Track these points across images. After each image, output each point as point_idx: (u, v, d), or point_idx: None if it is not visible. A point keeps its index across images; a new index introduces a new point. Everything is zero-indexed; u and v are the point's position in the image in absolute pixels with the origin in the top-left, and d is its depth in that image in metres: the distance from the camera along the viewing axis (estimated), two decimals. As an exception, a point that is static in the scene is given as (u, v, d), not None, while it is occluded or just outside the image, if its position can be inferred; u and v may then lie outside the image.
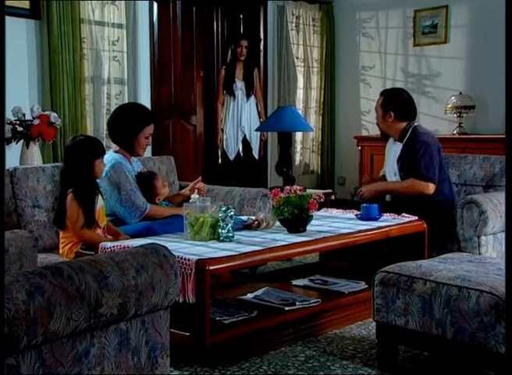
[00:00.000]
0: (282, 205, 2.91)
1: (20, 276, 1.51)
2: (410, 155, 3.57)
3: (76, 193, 2.85)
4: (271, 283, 3.13)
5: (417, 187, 3.51)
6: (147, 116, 3.34)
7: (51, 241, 3.11)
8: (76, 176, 2.88)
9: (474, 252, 3.22)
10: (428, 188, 3.50)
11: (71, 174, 2.89)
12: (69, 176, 2.89)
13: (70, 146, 2.95)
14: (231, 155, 5.48)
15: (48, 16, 4.18)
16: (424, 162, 3.51)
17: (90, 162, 2.91)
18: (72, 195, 2.84)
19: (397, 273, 2.36)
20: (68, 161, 2.94)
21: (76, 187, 2.86)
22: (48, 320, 1.50)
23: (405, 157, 3.60)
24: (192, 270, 2.37)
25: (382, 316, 2.38)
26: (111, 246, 2.63)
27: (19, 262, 2.23)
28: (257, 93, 5.54)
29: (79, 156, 2.90)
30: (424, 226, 3.22)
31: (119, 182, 3.12)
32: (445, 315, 2.18)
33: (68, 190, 2.86)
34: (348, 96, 6.25)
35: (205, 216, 2.73)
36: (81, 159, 2.90)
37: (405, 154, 3.60)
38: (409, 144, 3.60)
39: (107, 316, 1.67)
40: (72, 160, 2.91)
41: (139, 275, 1.78)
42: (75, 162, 2.90)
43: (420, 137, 3.58)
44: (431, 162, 3.53)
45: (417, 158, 3.52)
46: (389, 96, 3.75)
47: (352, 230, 3.03)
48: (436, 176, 3.53)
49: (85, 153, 2.91)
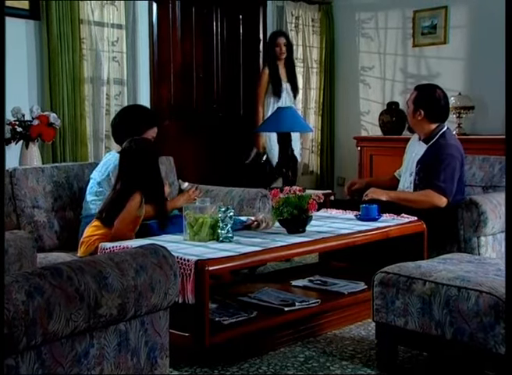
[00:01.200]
0: (281, 206, 2.91)
1: (20, 277, 1.51)
2: (432, 163, 3.46)
3: (145, 194, 2.93)
4: (270, 283, 3.13)
5: (431, 200, 3.40)
6: (150, 119, 3.38)
7: (51, 241, 3.11)
8: (146, 178, 2.97)
9: (474, 253, 3.22)
10: (441, 201, 3.40)
11: (140, 176, 2.96)
12: (139, 178, 2.95)
13: (136, 149, 3.00)
14: (273, 159, 5.12)
15: (48, 16, 4.17)
16: (445, 175, 3.41)
17: (157, 161, 3.04)
18: (139, 196, 2.91)
19: (397, 273, 2.36)
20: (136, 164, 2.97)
21: (146, 188, 2.95)
22: (48, 321, 1.50)
23: (427, 162, 3.50)
24: (191, 271, 2.38)
25: (381, 317, 2.38)
26: (110, 247, 2.63)
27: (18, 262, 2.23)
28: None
29: (148, 157, 3.01)
30: (423, 227, 3.22)
31: None
32: (444, 315, 2.18)
33: (133, 191, 2.91)
34: (347, 97, 6.24)
35: (205, 217, 2.73)
36: (150, 160, 3.02)
37: (427, 159, 3.50)
38: (434, 151, 3.49)
39: (106, 316, 1.67)
40: (142, 162, 2.98)
41: (138, 275, 1.78)
42: (145, 163, 2.99)
43: (447, 149, 3.46)
44: (452, 176, 3.42)
45: (440, 169, 3.42)
46: (422, 92, 3.63)
47: (351, 230, 3.03)
48: (453, 191, 3.43)
49: (152, 153, 3.04)
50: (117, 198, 2.94)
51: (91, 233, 2.90)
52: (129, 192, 2.91)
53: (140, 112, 3.46)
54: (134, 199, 2.89)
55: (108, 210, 2.93)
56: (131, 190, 2.92)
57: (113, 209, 2.91)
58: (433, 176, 3.43)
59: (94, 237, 2.89)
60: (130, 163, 2.97)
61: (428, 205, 3.41)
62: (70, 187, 3.26)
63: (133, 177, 2.95)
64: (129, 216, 2.89)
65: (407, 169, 3.65)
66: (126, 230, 2.88)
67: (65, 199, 3.22)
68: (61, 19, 4.21)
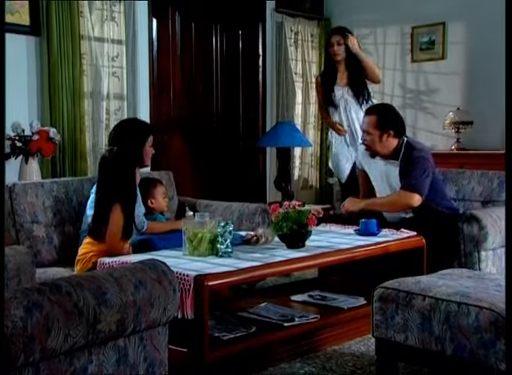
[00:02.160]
0: (280, 221, 2.91)
1: (18, 293, 1.50)
2: (404, 170, 3.45)
3: (122, 204, 2.86)
4: (270, 298, 3.12)
5: (403, 199, 3.37)
6: (147, 126, 3.44)
7: (50, 256, 3.10)
8: (122, 187, 2.89)
9: (475, 268, 3.22)
10: (414, 199, 3.35)
11: (116, 186, 2.89)
12: (115, 187, 2.88)
13: (112, 158, 2.94)
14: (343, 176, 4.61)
15: (48, 32, 4.20)
16: (414, 173, 3.37)
17: (133, 171, 2.95)
18: (119, 206, 2.85)
19: (396, 288, 2.35)
20: (111, 173, 2.92)
21: (123, 198, 2.87)
22: (46, 337, 1.49)
23: (401, 173, 3.47)
24: (190, 286, 2.37)
25: (381, 332, 2.37)
26: (109, 262, 2.63)
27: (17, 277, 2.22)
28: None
29: (123, 167, 2.92)
30: (423, 242, 3.22)
31: None
32: (444, 331, 2.17)
33: (113, 201, 2.85)
34: (346, 111, 6.25)
35: (204, 232, 2.73)
36: (126, 170, 2.92)
37: (402, 170, 3.47)
38: (405, 160, 3.47)
39: (105, 332, 1.66)
40: (117, 171, 2.91)
41: (137, 291, 1.77)
42: (120, 173, 2.91)
43: (415, 152, 3.45)
44: (421, 173, 3.38)
45: (409, 170, 3.40)
46: (383, 114, 3.54)
47: (351, 245, 3.02)
48: (425, 189, 3.38)
49: (128, 163, 2.95)
50: (99, 210, 2.91)
51: (86, 250, 2.89)
52: (109, 203, 2.86)
53: (134, 122, 3.51)
54: (116, 211, 2.84)
55: (95, 224, 2.92)
56: (110, 201, 2.86)
57: (99, 223, 2.89)
58: (404, 178, 3.42)
59: (89, 254, 2.87)
60: (106, 173, 2.94)
61: (400, 204, 3.40)
62: (69, 202, 3.26)
63: (110, 187, 2.90)
64: (117, 228, 2.84)
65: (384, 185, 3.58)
66: (118, 245, 2.85)
67: (65, 214, 3.22)
68: (61, 35, 4.23)
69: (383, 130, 3.47)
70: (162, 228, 3.26)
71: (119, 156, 2.93)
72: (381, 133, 3.47)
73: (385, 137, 3.47)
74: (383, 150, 3.52)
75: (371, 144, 3.52)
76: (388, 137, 3.48)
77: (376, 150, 3.54)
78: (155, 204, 3.40)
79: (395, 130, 3.49)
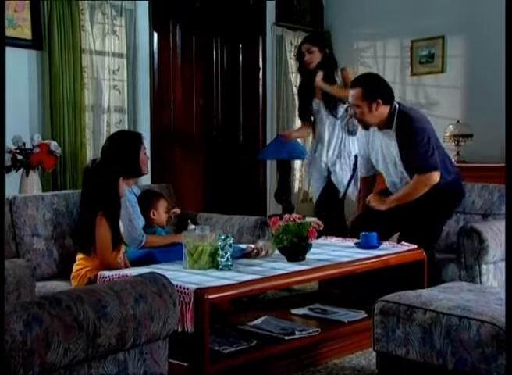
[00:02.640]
0: (281, 234, 2.90)
1: (18, 307, 1.50)
2: (406, 146, 3.35)
3: (106, 215, 2.84)
4: (270, 311, 3.11)
5: (423, 184, 3.32)
6: (137, 135, 3.44)
7: (50, 269, 3.09)
8: (104, 197, 2.88)
9: (476, 281, 3.21)
10: (432, 178, 3.32)
11: (99, 196, 2.88)
12: (97, 198, 2.88)
13: (93, 168, 2.95)
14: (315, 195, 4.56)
15: (50, 45, 4.22)
16: (421, 152, 3.30)
17: (116, 181, 2.93)
18: (103, 218, 2.83)
19: (397, 302, 2.34)
20: (93, 183, 2.92)
21: (106, 208, 2.86)
22: (46, 351, 1.49)
23: (406, 147, 3.37)
24: (191, 299, 2.36)
25: (382, 346, 2.36)
26: (110, 275, 2.62)
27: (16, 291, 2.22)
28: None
29: (106, 177, 2.91)
30: (423, 255, 3.21)
31: None
32: (445, 345, 2.16)
33: (96, 212, 2.84)
34: (347, 124, 6.27)
35: (204, 245, 2.72)
36: (109, 180, 2.91)
37: (404, 143, 3.37)
38: (403, 133, 3.36)
39: (105, 346, 1.66)
40: (99, 182, 2.90)
41: (138, 304, 1.77)
42: (102, 183, 2.90)
43: (415, 124, 3.35)
44: (429, 149, 3.31)
45: (414, 149, 3.31)
46: (368, 84, 3.43)
47: (351, 258, 3.02)
48: (438, 162, 3.32)
49: (111, 173, 2.93)
50: (84, 223, 2.90)
51: (80, 266, 2.88)
52: (93, 215, 2.85)
53: (125, 133, 3.57)
54: (101, 223, 2.83)
55: (82, 239, 2.92)
56: (94, 212, 2.85)
57: (86, 237, 2.88)
58: (412, 160, 3.34)
59: (84, 269, 2.86)
60: (88, 184, 2.94)
61: (423, 187, 3.35)
62: (70, 215, 3.25)
63: (93, 198, 2.89)
64: (105, 241, 2.83)
65: (386, 160, 3.50)
66: (110, 257, 2.84)
67: (65, 227, 3.21)
68: (63, 49, 4.26)
69: (371, 101, 3.38)
70: (161, 242, 3.26)
71: (101, 167, 2.93)
72: (369, 104, 3.38)
73: (374, 106, 3.38)
74: (375, 120, 3.43)
75: (362, 116, 3.44)
76: (377, 106, 3.38)
77: (368, 121, 3.45)
78: (157, 216, 3.40)
79: (383, 98, 3.39)
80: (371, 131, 3.55)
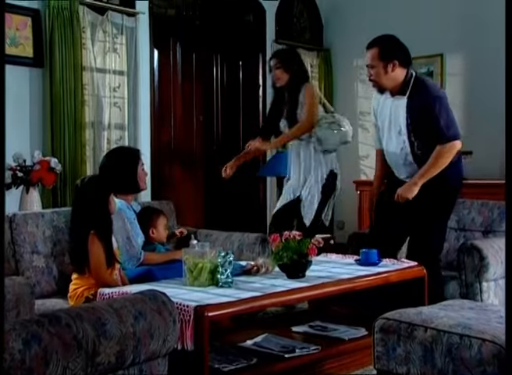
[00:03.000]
0: (281, 250, 2.90)
1: (17, 325, 1.49)
2: (424, 113, 3.24)
3: (98, 234, 2.83)
4: (270, 329, 3.10)
5: (448, 153, 3.24)
6: (134, 152, 3.45)
7: (50, 287, 3.08)
8: (95, 215, 2.87)
9: (476, 298, 3.20)
10: (455, 147, 3.26)
11: (89, 215, 2.87)
12: (88, 216, 2.87)
13: (83, 186, 2.94)
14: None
15: (51, 63, 4.25)
16: (443, 120, 3.21)
17: (106, 199, 2.92)
18: (95, 237, 2.83)
19: (397, 319, 2.33)
20: (83, 201, 2.91)
21: (97, 226, 2.85)
22: (44, 370, 1.48)
23: (417, 113, 3.27)
24: (190, 317, 2.35)
25: (382, 364, 2.34)
26: (109, 292, 2.61)
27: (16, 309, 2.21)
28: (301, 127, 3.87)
29: (95, 195, 2.90)
30: (424, 272, 3.20)
31: (115, 230, 3.11)
32: (447, 363, 2.14)
33: (87, 231, 2.83)
34: (346, 141, 6.29)
35: (204, 262, 2.72)
36: (98, 197, 2.90)
37: (416, 109, 3.27)
38: (417, 99, 3.26)
39: (104, 364, 1.65)
40: (89, 200, 2.89)
41: (137, 322, 1.76)
42: (92, 201, 2.89)
43: (431, 91, 3.27)
44: (448, 116, 3.24)
45: (436, 118, 3.21)
46: (384, 44, 3.34)
47: (351, 275, 3.01)
48: (458, 128, 3.28)
49: (100, 191, 2.92)
50: (76, 243, 2.89)
51: (76, 286, 2.87)
52: (85, 234, 2.84)
53: (123, 149, 3.58)
54: (93, 241, 2.82)
55: (74, 258, 2.90)
56: (85, 231, 2.84)
57: (78, 256, 2.87)
58: (434, 129, 3.23)
59: (80, 289, 2.85)
60: (78, 202, 2.94)
61: (448, 158, 3.27)
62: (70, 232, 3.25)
63: (83, 216, 2.88)
64: (99, 259, 2.82)
65: (391, 128, 3.39)
66: (105, 275, 2.83)
67: (65, 244, 3.21)
68: (64, 66, 4.28)
69: (387, 61, 3.29)
70: (160, 259, 3.25)
71: (90, 185, 2.93)
72: (385, 64, 3.30)
73: (391, 67, 3.30)
74: (390, 83, 3.33)
75: (377, 77, 3.34)
76: (393, 67, 3.30)
77: (383, 83, 3.35)
78: (156, 234, 3.39)
79: (399, 59, 3.31)
80: (382, 99, 3.45)
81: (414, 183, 3.29)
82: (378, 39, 3.41)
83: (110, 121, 4.64)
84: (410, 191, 3.29)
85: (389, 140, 3.44)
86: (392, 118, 3.39)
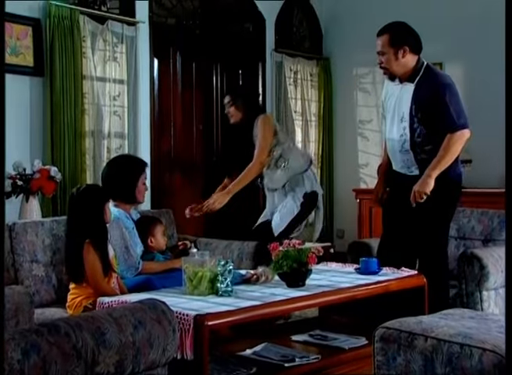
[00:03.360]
0: (281, 259, 2.90)
1: (16, 334, 1.49)
2: (432, 101, 3.23)
3: (93, 242, 2.83)
4: (270, 338, 3.09)
5: (459, 142, 3.23)
6: (140, 163, 3.42)
7: (49, 296, 3.07)
8: (90, 224, 2.86)
9: (477, 308, 3.19)
10: (465, 136, 3.25)
11: (85, 223, 2.86)
12: (83, 225, 2.86)
13: (79, 195, 2.93)
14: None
15: (52, 72, 4.26)
16: (454, 108, 3.22)
17: (101, 208, 2.91)
18: (90, 246, 2.82)
19: (398, 329, 2.32)
20: (78, 210, 2.90)
21: (92, 235, 2.84)
22: (43, 380, 1.47)
23: (424, 100, 3.25)
24: (190, 326, 2.34)
25: (383, 374, 2.33)
26: (109, 301, 2.61)
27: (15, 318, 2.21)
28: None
29: (90, 204, 2.89)
30: (424, 281, 3.20)
31: (113, 239, 3.10)
32: (447, 373, 2.13)
33: (82, 240, 2.83)
34: (346, 149, 6.30)
35: (204, 270, 2.71)
36: (93, 206, 2.89)
37: (423, 96, 3.25)
38: (428, 86, 3.26)
39: (103, 374, 1.64)
40: (84, 209, 2.89)
41: (137, 331, 1.76)
42: (87, 210, 2.88)
43: (441, 79, 3.28)
44: (458, 104, 3.26)
45: (446, 106, 3.21)
46: (395, 30, 3.34)
47: (351, 284, 3.01)
48: (467, 117, 3.27)
49: (96, 199, 2.91)
50: (71, 252, 2.87)
51: (74, 296, 2.86)
52: (79, 242, 2.82)
53: (128, 159, 3.54)
54: (88, 250, 2.81)
55: (71, 268, 2.89)
56: (80, 239, 2.83)
57: (73, 265, 2.86)
58: (443, 117, 3.22)
59: (78, 299, 2.84)
60: (73, 211, 2.92)
61: (459, 146, 3.27)
62: (65, 241, 3.24)
63: (78, 225, 2.87)
64: (95, 268, 2.81)
65: (394, 115, 3.38)
66: (103, 284, 2.82)
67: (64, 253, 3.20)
68: (64, 75, 4.29)
69: (397, 47, 3.29)
70: (159, 268, 3.24)
71: (86, 194, 2.92)
72: (395, 50, 3.29)
73: (401, 53, 3.29)
74: (401, 69, 3.33)
75: (388, 64, 3.33)
76: (404, 53, 3.29)
77: (393, 70, 3.34)
78: (154, 243, 3.39)
79: (410, 45, 3.30)
80: (390, 87, 3.45)
81: (429, 175, 3.24)
82: (389, 26, 3.40)
83: (110, 130, 4.65)
84: (426, 184, 3.23)
85: (391, 126, 3.43)
86: (396, 105, 3.38)
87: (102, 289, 2.80)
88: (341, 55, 6.28)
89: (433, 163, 3.25)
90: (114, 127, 4.68)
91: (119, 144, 4.72)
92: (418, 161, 3.33)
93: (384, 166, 3.64)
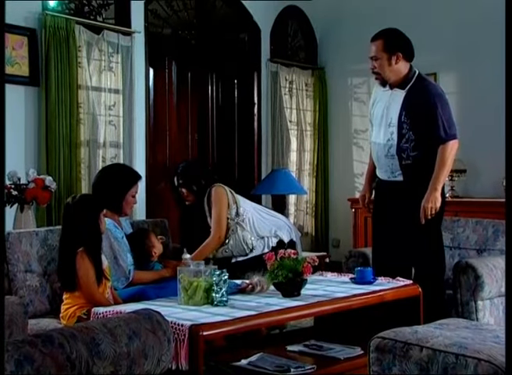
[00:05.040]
0: (276, 269, 2.89)
1: (10, 346, 1.47)
2: (424, 110, 3.26)
3: (87, 250, 2.82)
4: (265, 348, 3.08)
5: (451, 152, 3.28)
6: (133, 176, 3.37)
7: (43, 306, 3.06)
8: (85, 233, 2.85)
9: (472, 317, 3.19)
10: (456, 146, 3.31)
11: (80, 232, 2.85)
12: (78, 234, 2.85)
13: (74, 205, 2.92)
14: None
15: (47, 82, 4.26)
16: (445, 118, 3.25)
17: (97, 217, 2.90)
18: (84, 254, 2.81)
19: (393, 338, 2.32)
20: (74, 220, 2.89)
21: (86, 244, 2.83)
22: (37, 391, 1.46)
23: (414, 108, 3.29)
24: (185, 336, 2.34)
25: (378, 384, 2.32)
26: (103, 311, 2.60)
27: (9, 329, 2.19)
28: None
29: (86, 213, 2.88)
30: (419, 291, 3.20)
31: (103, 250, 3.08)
32: (443, 383, 2.13)
33: (75, 249, 2.82)
34: (341, 159, 6.32)
35: (199, 280, 2.71)
36: (88, 216, 2.88)
37: (413, 104, 3.29)
38: (419, 95, 3.29)
39: (98, 385, 1.63)
40: (79, 218, 2.88)
41: (131, 342, 1.75)
42: (82, 219, 2.87)
43: (432, 88, 3.32)
44: (449, 115, 3.29)
45: (437, 116, 3.23)
46: (389, 36, 3.37)
47: (347, 294, 3.00)
48: (456, 127, 3.32)
49: (91, 209, 2.91)
50: (64, 261, 2.86)
51: (68, 306, 2.85)
52: (73, 251, 2.82)
53: (120, 170, 3.49)
54: (82, 259, 2.80)
55: (64, 277, 2.88)
56: (73, 248, 2.82)
57: (67, 274, 2.84)
58: (434, 126, 3.25)
59: (71, 309, 2.83)
60: (68, 220, 2.92)
61: (453, 157, 3.35)
62: (59, 250, 3.23)
63: (73, 234, 2.86)
64: (88, 278, 2.80)
65: (382, 120, 3.40)
66: (97, 294, 2.81)
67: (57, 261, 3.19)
68: (59, 85, 4.30)
69: (391, 53, 3.32)
70: (150, 278, 3.22)
71: (82, 203, 2.91)
72: (389, 56, 3.32)
73: (394, 59, 3.32)
74: (393, 75, 3.35)
75: (381, 69, 3.35)
76: (397, 59, 3.32)
77: (386, 76, 3.36)
78: (157, 250, 3.37)
79: (404, 51, 3.33)
80: (380, 93, 3.46)
81: (434, 189, 3.27)
82: (384, 31, 3.43)
83: (105, 139, 4.65)
84: (435, 199, 3.26)
85: (378, 131, 3.45)
86: (385, 110, 3.41)
87: (95, 297, 2.79)
88: (336, 65, 6.31)
89: (434, 176, 3.28)
90: (109, 137, 4.68)
91: (115, 154, 4.72)
92: (403, 166, 3.35)
93: (370, 172, 3.67)
